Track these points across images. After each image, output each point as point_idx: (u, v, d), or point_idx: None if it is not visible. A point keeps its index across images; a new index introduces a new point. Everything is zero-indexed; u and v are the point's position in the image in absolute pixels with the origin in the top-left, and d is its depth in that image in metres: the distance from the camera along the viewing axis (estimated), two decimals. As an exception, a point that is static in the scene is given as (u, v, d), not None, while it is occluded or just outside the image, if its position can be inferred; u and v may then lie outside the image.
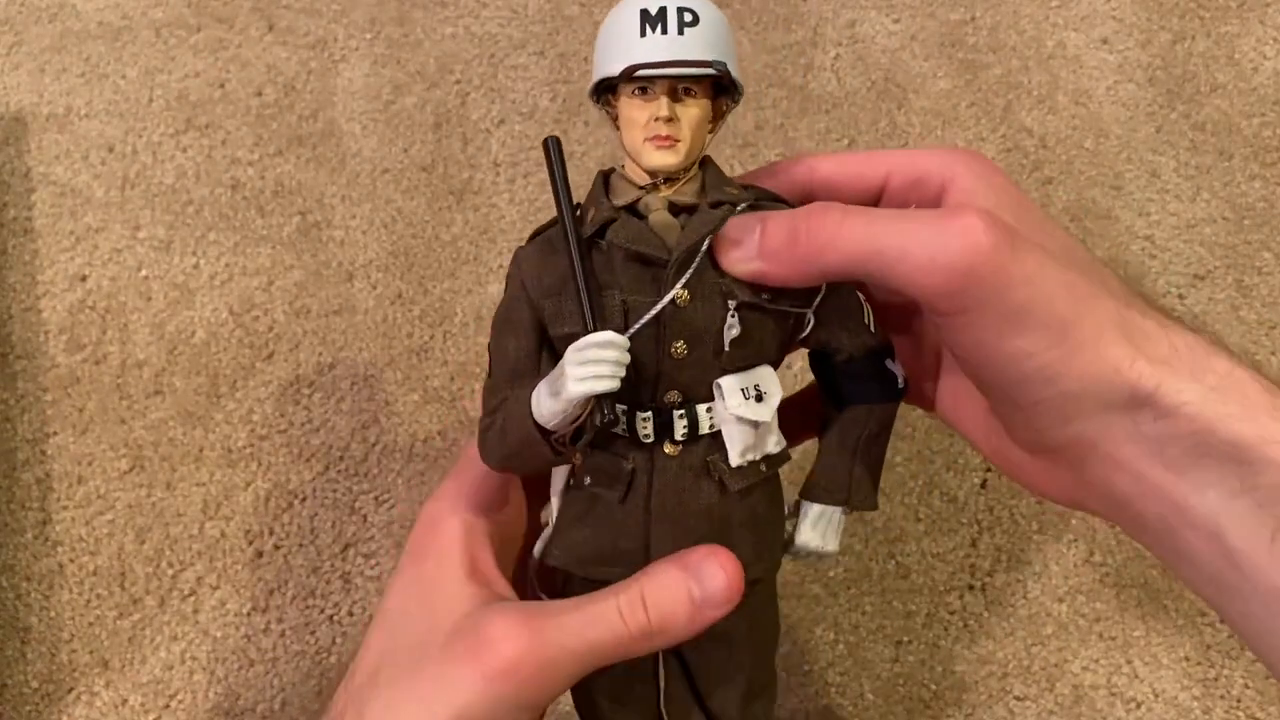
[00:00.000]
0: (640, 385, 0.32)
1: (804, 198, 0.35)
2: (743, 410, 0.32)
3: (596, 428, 0.30)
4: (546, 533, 0.36)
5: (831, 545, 0.36)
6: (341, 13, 0.67)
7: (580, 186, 0.33)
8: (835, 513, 0.35)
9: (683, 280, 0.31)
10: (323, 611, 0.53)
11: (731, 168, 0.62)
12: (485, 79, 0.65)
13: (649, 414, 0.32)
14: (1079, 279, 0.30)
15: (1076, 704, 0.51)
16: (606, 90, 0.33)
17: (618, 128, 0.33)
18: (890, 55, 0.66)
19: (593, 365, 0.29)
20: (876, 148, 0.63)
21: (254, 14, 0.67)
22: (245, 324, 0.59)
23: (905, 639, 0.53)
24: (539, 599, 0.36)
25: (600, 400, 0.30)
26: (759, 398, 0.32)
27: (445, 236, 0.61)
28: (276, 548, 0.55)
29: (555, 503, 0.35)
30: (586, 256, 0.31)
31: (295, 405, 0.57)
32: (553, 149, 0.32)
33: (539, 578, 0.37)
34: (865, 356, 0.34)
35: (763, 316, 0.32)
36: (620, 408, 0.31)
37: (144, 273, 0.60)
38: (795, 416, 0.36)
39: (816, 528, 0.35)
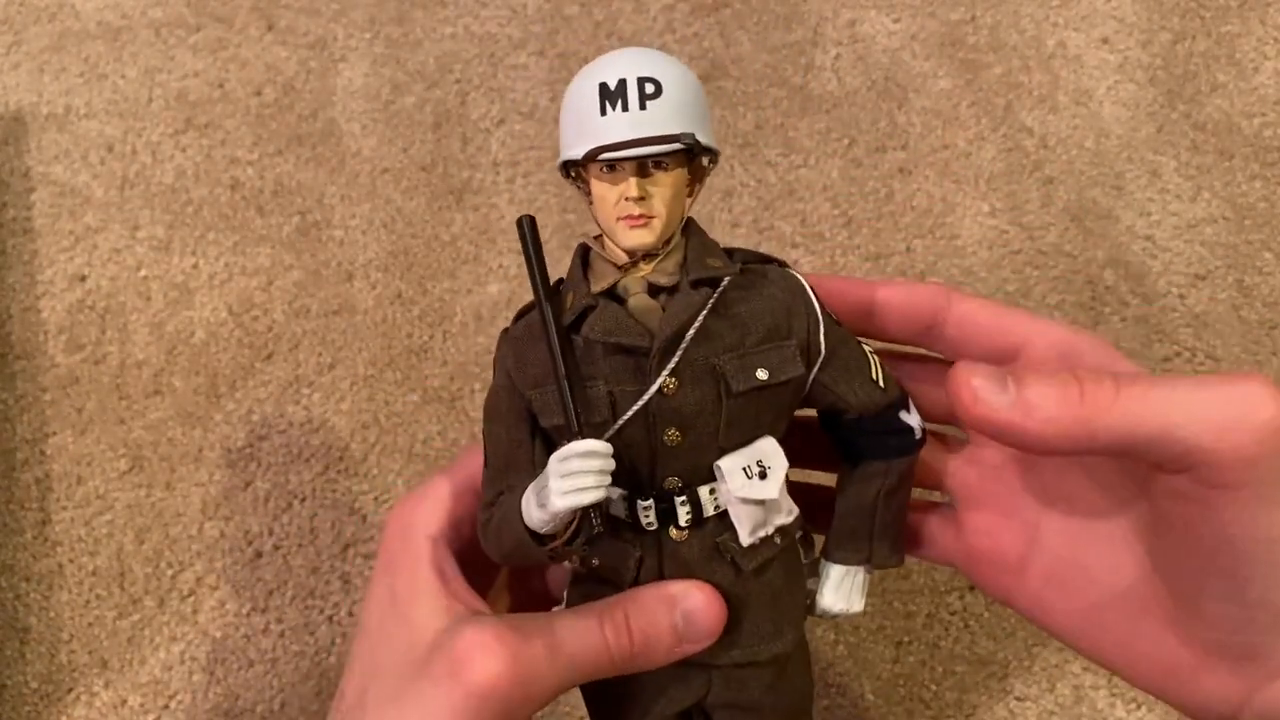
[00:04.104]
0: (637, 473, 0.31)
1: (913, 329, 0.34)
2: (746, 491, 0.31)
3: (591, 532, 0.30)
4: None
5: (856, 605, 0.34)
6: (341, 12, 0.67)
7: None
8: (858, 573, 0.34)
9: (668, 368, 0.30)
10: (322, 612, 0.53)
11: (732, 168, 0.63)
12: (485, 79, 0.65)
13: (650, 501, 0.31)
14: None
15: (1077, 704, 0.51)
16: (577, 163, 0.31)
17: (590, 203, 0.31)
18: (890, 55, 0.66)
19: (576, 477, 0.28)
20: (876, 148, 0.63)
21: (254, 14, 0.67)
22: (245, 324, 0.59)
23: (906, 639, 0.52)
24: None
25: (588, 510, 0.29)
26: (763, 474, 0.31)
27: (445, 236, 0.61)
28: (276, 548, 0.54)
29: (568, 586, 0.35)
30: (568, 348, 0.30)
31: (295, 405, 0.57)
32: (527, 229, 0.30)
33: None
34: (876, 413, 0.33)
35: (759, 394, 0.31)
36: (619, 492, 0.31)
37: (143, 273, 0.60)
38: (803, 445, 0.35)
39: (840, 590, 0.34)
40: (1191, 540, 0.29)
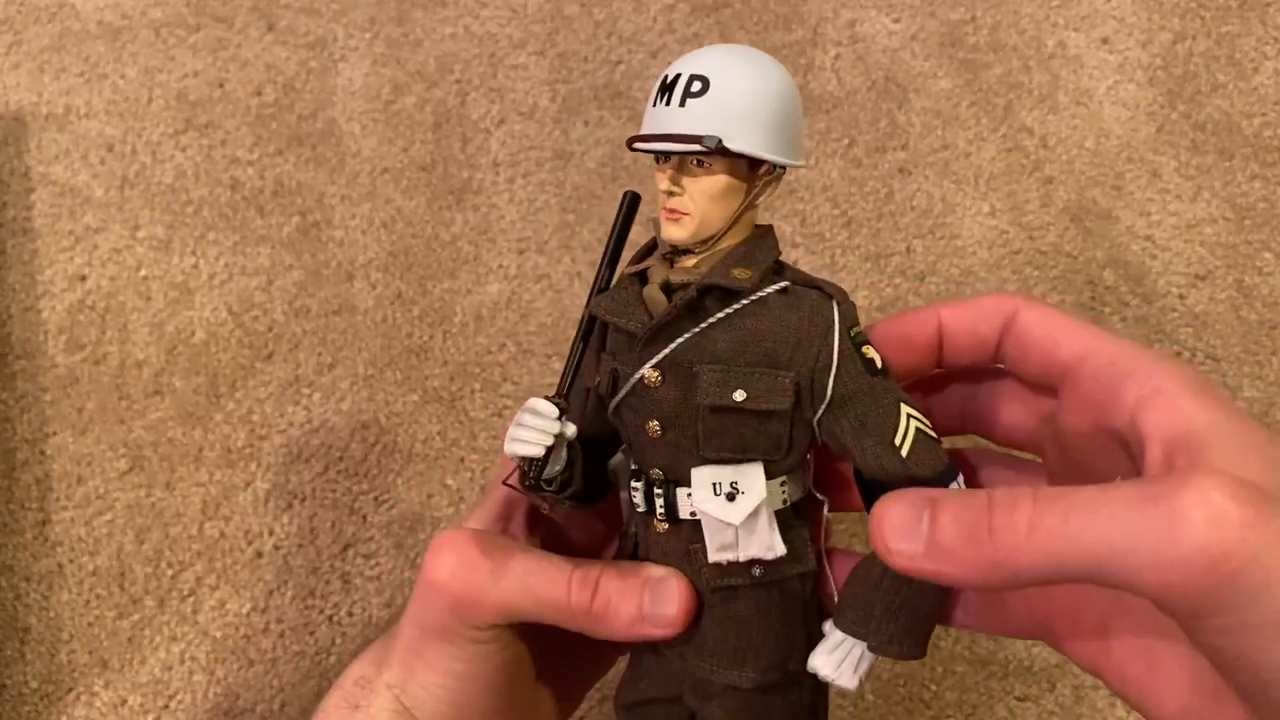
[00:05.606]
0: (630, 455, 0.32)
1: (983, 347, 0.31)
2: (708, 506, 0.30)
3: (529, 483, 0.31)
4: None
5: (846, 680, 0.31)
6: (341, 12, 0.67)
7: (583, 185, 0.32)
8: (857, 647, 0.31)
9: (651, 361, 0.30)
10: (322, 612, 0.53)
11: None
12: (485, 79, 0.65)
13: (640, 484, 0.32)
14: None
15: (1077, 704, 0.51)
16: None
17: None
18: (890, 55, 0.66)
19: (521, 429, 0.30)
20: (876, 148, 0.63)
21: (254, 14, 0.67)
22: (245, 324, 0.59)
23: (905, 639, 0.52)
24: None
25: (527, 462, 0.30)
26: (730, 497, 0.30)
27: (445, 236, 0.61)
28: (276, 548, 0.54)
29: None
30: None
31: (295, 405, 0.57)
32: (626, 205, 0.31)
33: None
34: (886, 481, 0.30)
35: (737, 415, 0.29)
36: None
37: (143, 273, 0.60)
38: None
39: (832, 656, 0.31)
40: (1215, 663, 0.25)
